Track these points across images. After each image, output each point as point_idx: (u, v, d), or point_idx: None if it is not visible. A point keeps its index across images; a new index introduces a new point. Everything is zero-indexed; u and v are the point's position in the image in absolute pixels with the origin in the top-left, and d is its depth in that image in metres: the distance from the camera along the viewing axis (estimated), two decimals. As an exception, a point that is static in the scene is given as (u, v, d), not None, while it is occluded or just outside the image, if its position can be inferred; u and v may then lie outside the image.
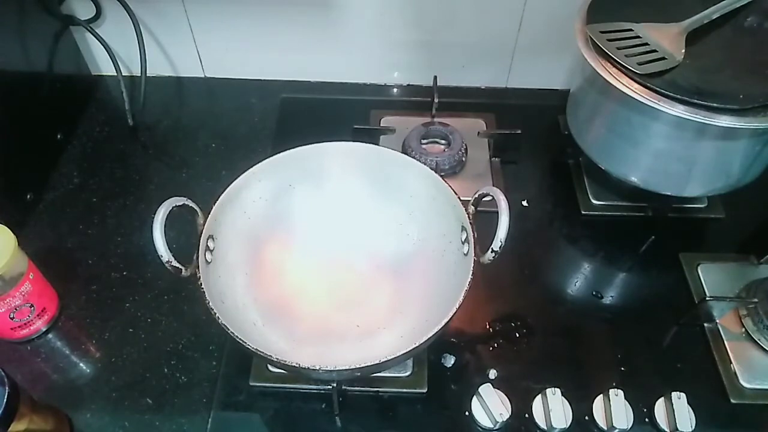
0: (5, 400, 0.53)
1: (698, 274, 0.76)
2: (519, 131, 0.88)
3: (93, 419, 0.66)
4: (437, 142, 0.89)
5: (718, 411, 0.66)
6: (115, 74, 0.93)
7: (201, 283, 0.59)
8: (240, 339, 0.55)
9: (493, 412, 0.63)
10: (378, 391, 0.67)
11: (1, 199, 0.78)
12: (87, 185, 0.87)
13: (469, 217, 0.63)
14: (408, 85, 1.01)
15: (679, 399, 0.63)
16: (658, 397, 0.65)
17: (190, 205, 0.62)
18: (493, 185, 0.84)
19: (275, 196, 0.71)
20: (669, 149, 0.69)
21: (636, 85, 0.64)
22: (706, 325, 0.71)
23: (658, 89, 0.63)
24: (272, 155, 0.69)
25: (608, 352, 0.70)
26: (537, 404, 0.65)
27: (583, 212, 0.83)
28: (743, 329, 0.70)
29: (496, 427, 0.64)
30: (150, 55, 0.93)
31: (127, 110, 0.93)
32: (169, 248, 0.57)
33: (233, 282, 0.65)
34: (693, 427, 0.62)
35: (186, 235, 0.63)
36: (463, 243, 0.64)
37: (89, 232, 0.82)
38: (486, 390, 0.64)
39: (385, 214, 0.73)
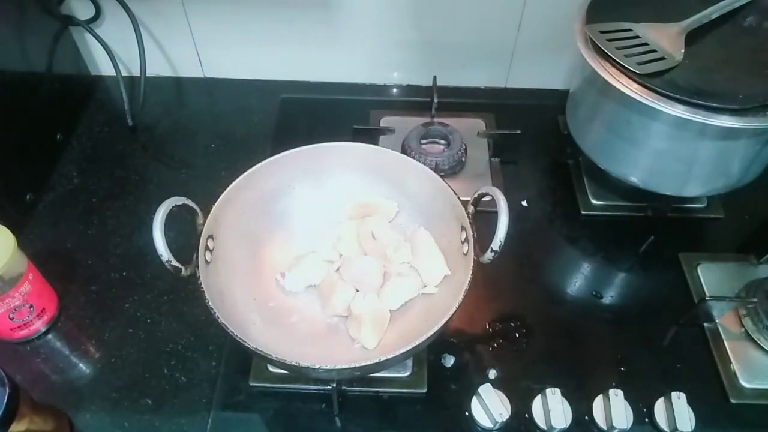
0: (6, 400, 0.53)
1: (698, 274, 0.76)
2: (518, 131, 0.88)
3: (93, 419, 0.66)
4: (437, 142, 0.89)
5: (717, 411, 0.66)
6: (115, 74, 0.93)
7: (201, 283, 0.59)
8: (240, 338, 0.55)
9: (492, 412, 0.63)
10: (378, 392, 0.67)
11: (1, 199, 0.78)
12: (86, 185, 0.87)
13: (468, 216, 0.63)
14: (407, 85, 1.01)
15: (679, 399, 0.63)
16: (658, 397, 0.65)
17: (190, 205, 0.62)
18: (493, 185, 0.83)
19: (275, 196, 0.71)
20: (669, 149, 0.69)
21: (635, 85, 0.64)
22: (705, 325, 0.71)
23: (657, 89, 0.63)
24: (272, 155, 0.69)
25: (608, 352, 0.70)
26: (537, 404, 0.65)
27: (582, 212, 0.83)
28: (743, 329, 0.70)
29: (496, 427, 0.64)
30: (149, 55, 0.93)
31: (127, 110, 0.93)
32: (169, 248, 0.57)
33: (233, 282, 0.65)
34: (693, 427, 0.62)
35: (186, 235, 0.63)
36: (462, 243, 0.64)
37: (89, 233, 0.82)
38: (486, 390, 0.64)
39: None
